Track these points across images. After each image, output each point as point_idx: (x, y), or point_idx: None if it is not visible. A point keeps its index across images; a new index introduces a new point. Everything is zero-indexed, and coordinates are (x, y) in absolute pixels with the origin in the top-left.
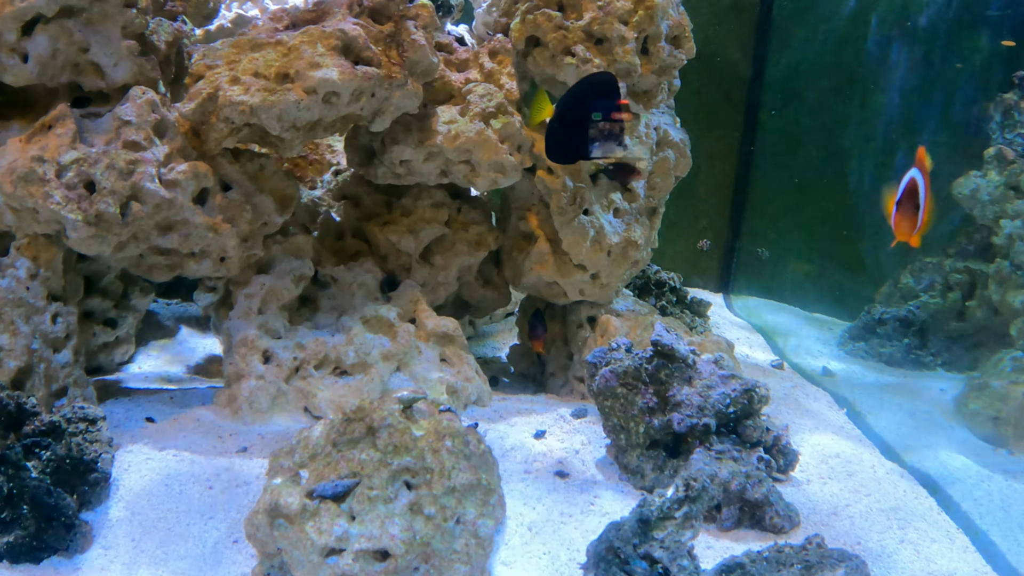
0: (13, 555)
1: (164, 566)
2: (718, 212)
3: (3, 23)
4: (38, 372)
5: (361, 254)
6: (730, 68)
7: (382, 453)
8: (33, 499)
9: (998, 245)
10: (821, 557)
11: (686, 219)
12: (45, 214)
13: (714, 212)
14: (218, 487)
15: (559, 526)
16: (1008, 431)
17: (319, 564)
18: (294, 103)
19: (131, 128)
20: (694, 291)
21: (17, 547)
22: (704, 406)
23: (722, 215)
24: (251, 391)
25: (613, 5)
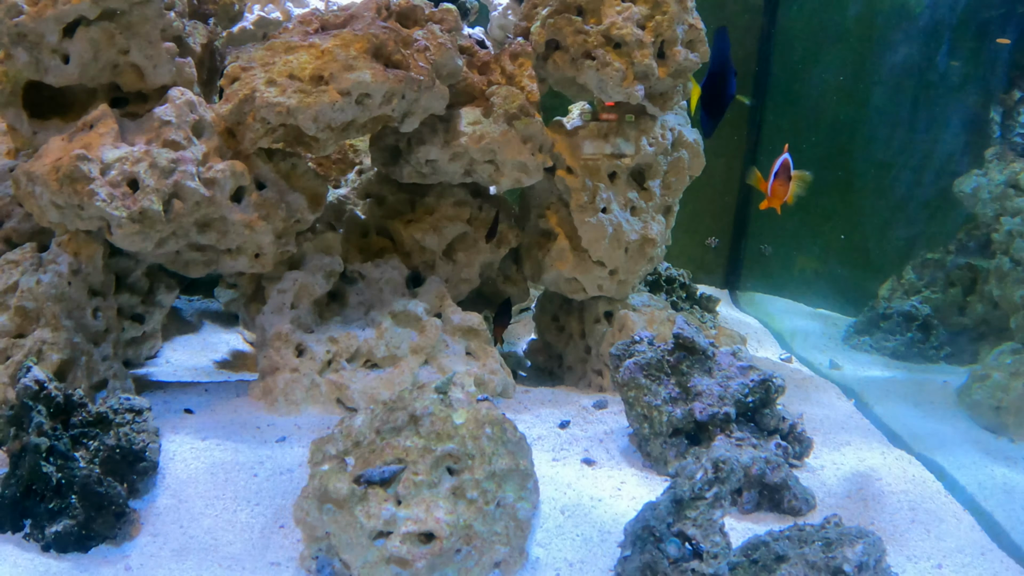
0: (61, 545)
1: (214, 552)
2: (724, 209)
3: (45, 25)
4: (80, 365)
5: (386, 251)
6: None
7: (425, 440)
8: (83, 488)
9: (998, 242)
10: (840, 535)
11: (692, 216)
12: (90, 211)
13: (720, 210)
14: (262, 475)
15: (590, 509)
16: (1009, 420)
17: (368, 546)
18: (329, 104)
19: (171, 128)
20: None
21: (65, 536)
22: (724, 396)
23: (728, 212)
24: (286, 383)
25: (631, 10)
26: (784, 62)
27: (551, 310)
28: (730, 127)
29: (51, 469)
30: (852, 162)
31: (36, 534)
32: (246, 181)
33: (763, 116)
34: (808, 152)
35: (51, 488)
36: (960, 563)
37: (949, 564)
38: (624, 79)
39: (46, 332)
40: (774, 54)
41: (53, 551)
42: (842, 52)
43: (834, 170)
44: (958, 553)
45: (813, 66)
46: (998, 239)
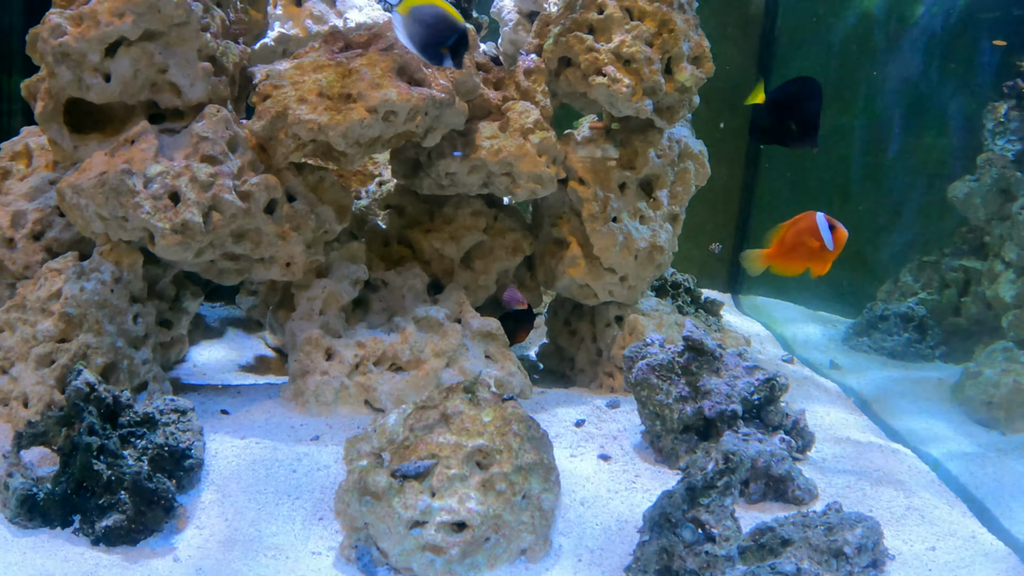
0: (110, 539)
1: (258, 543)
2: (726, 216)
3: (88, 45)
4: (122, 368)
5: (406, 259)
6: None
7: (457, 436)
8: (134, 485)
9: (990, 244)
10: (841, 520)
11: (696, 223)
12: (134, 223)
13: (723, 216)
14: (301, 471)
15: (607, 501)
16: (1000, 414)
17: (405, 535)
18: (358, 121)
19: (208, 143)
20: (707, 292)
21: (115, 530)
22: (731, 394)
23: (730, 219)
24: (317, 385)
25: (640, 28)
26: (783, 71)
27: (563, 315)
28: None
29: (102, 467)
30: (850, 168)
31: (86, 528)
32: (278, 194)
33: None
34: (807, 159)
35: (102, 485)
36: (952, 546)
37: (942, 547)
38: (633, 95)
39: (90, 337)
40: (774, 62)
41: (103, 544)
42: (840, 61)
43: (833, 176)
44: (950, 537)
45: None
46: (990, 242)
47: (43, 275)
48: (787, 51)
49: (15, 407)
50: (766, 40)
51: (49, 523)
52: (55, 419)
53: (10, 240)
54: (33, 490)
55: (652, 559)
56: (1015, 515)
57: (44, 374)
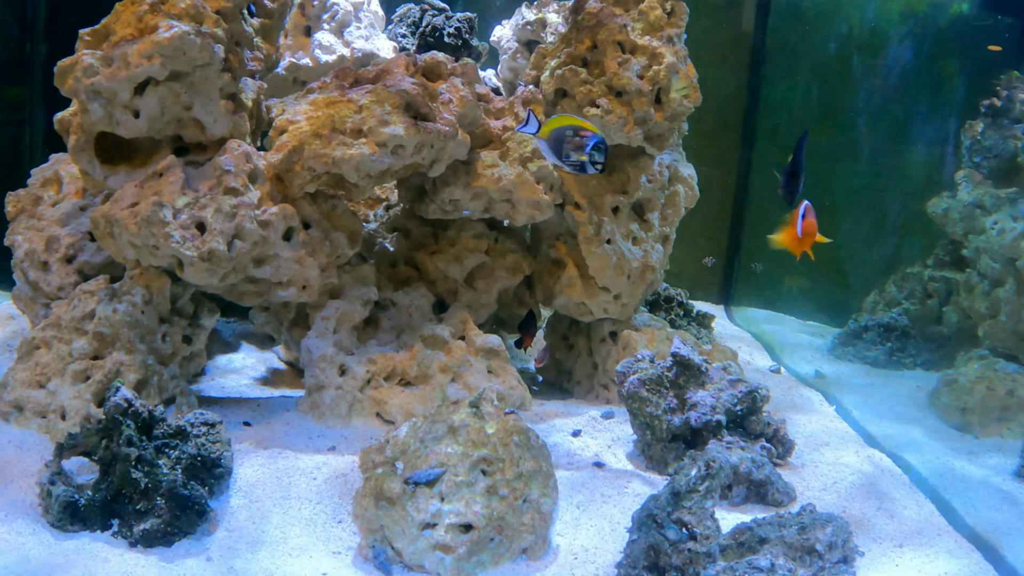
0: (148, 540)
1: (283, 544)
2: (719, 230)
3: (119, 84)
4: (152, 383)
5: (412, 280)
6: (728, 98)
7: (463, 447)
8: (170, 491)
9: (968, 258)
10: (813, 520)
11: (690, 237)
12: (164, 250)
13: (715, 230)
14: (320, 478)
15: (601, 505)
16: (974, 419)
17: (417, 536)
18: (368, 155)
19: (231, 176)
20: (698, 304)
21: (152, 533)
22: (716, 406)
23: (722, 233)
24: (332, 399)
25: (631, 62)
26: (771, 94)
27: (561, 330)
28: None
29: (139, 475)
30: (837, 184)
31: (124, 532)
32: (295, 222)
33: (754, 144)
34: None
35: (139, 491)
36: (919, 543)
37: (909, 544)
38: (625, 125)
39: (122, 355)
40: (762, 86)
41: (140, 546)
42: (825, 79)
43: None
44: (917, 535)
45: (798, 97)
46: (968, 255)
47: (77, 296)
48: (776, 68)
49: (53, 419)
50: (756, 58)
51: (89, 527)
52: (94, 431)
53: (45, 263)
54: (75, 497)
55: (640, 556)
56: (980, 513)
57: (80, 389)
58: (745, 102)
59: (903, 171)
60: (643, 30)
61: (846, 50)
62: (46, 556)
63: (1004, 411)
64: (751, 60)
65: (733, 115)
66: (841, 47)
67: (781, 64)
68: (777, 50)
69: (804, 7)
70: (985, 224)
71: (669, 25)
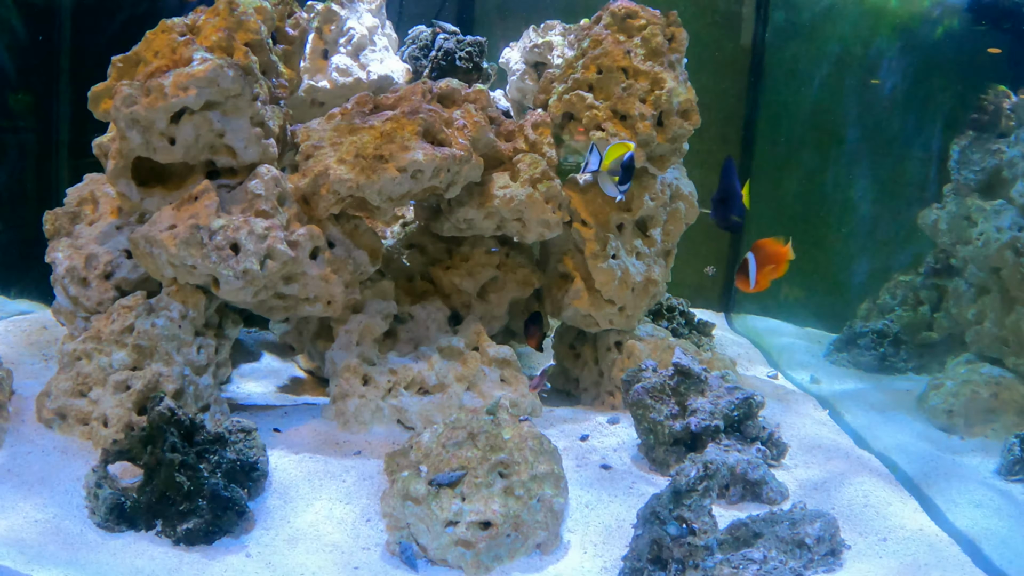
0: (190, 539)
1: (317, 540)
2: (718, 240)
3: (156, 114)
4: (188, 393)
5: (428, 294)
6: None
7: (482, 451)
8: (212, 493)
9: (956, 267)
10: (803, 516)
11: (691, 247)
12: (202, 269)
13: (715, 240)
14: (349, 480)
15: (608, 504)
16: (959, 421)
17: (441, 532)
18: (390, 180)
19: (261, 199)
20: (699, 312)
21: (194, 532)
22: (714, 411)
23: (722, 242)
24: (356, 407)
25: (634, 87)
26: (769, 109)
27: (568, 340)
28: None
29: (183, 479)
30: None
31: (168, 531)
32: (321, 242)
33: (752, 156)
34: (793, 189)
35: (182, 494)
36: (901, 536)
37: (892, 537)
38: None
39: (160, 366)
40: (761, 101)
41: (183, 544)
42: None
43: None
44: (900, 529)
45: (796, 112)
46: (956, 264)
47: (116, 311)
48: (773, 83)
49: (95, 427)
50: (754, 72)
51: (134, 527)
52: (138, 438)
53: (84, 279)
54: (121, 499)
55: (644, 549)
56: (960, 509)
57: (122, 398)
58: (744, 115)
59: (896, 183)
60: (645, 56)
61: (840, 65)
62: (94, 554)
63: (988, 413)
64: (750, 74)
65: (732, 128)
66: (836, 62)
67: (778, 78)
68: (775, 65)
69: (800, 24)
70: (971, 235)
71: (670, 51)
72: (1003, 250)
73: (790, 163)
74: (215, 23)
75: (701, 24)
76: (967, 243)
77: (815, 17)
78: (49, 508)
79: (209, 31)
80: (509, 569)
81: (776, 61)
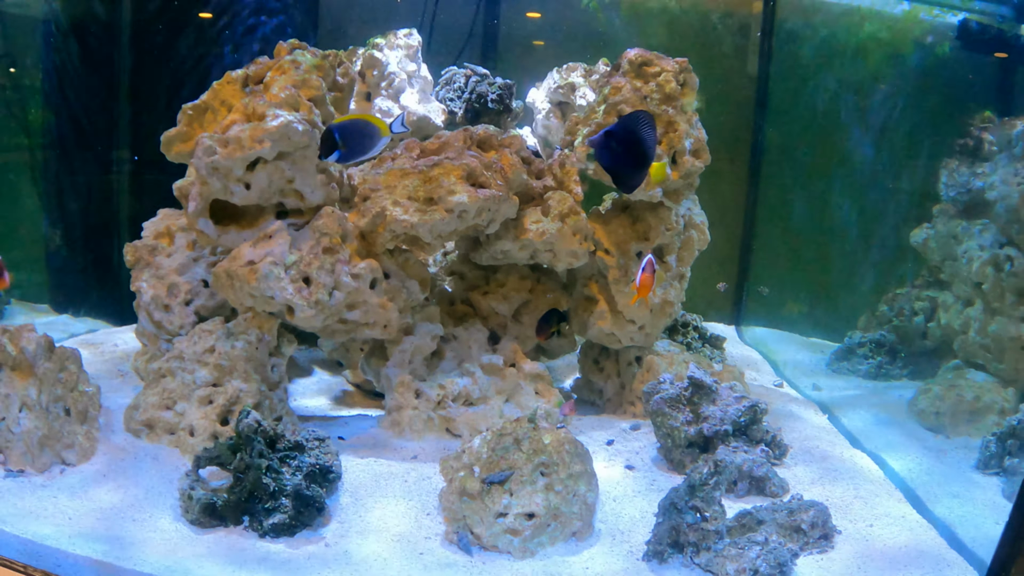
0: (276, 532)
1: (385, 532)
2: (729, 258)
3: (235, 163)
4: (264, 406)
5: (468, 316)
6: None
7: (526, 455)
8: (296, 493)
9: (944, 281)
10: (799, 506)
11: (704, 264)
12: (279, 300)
13: (726, 258)
14: (410, 480)
15: (632, 498)
16: (945, 421)
17: (493, 523)
18: (440, 220)
19: (327, 237)
20: (711, 325)
21: (279, 526)
22: (724, 418)
23: (732, 260)
24: (410, 418)
25: None
26: (775, 134)
27: (592, 355)
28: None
29: (269, 480)
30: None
31: (255, 526)
32: (379, 274)
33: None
34: (798, 208)
35: (268, 493)
36: (886, 523)
37: (878, 524)
38: (647, 185)
39: (240, 383)
40: (766, 127)
41: (269, 537)
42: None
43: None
44: (885, 517)
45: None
46: (945, 279)
47: (197, 334)
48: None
49: (182, 436)
50: (759, 102)
51: (224, 524)
52: (227, 446)
53: (167, 306)
54: (213, 499)
55: (664, 535)
56: (939, 500)
57: (207, 411)
58: (751, 142)
59: (891, 204)
60: (660, 100)
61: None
62: (191, 547)
63: (972, 414)
64: (756, 101)
65: (740, 153)
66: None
67: (782, 105)
68: (778, 93)
69: (801, 54)
70: (957, 252)
71: (682, 95)
72: (984, 266)
73: (795, 186)
74: (282, 81)
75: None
76: (954, 259)
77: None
78: (145, 508)
79: (277, 88)
80: (550, 553)
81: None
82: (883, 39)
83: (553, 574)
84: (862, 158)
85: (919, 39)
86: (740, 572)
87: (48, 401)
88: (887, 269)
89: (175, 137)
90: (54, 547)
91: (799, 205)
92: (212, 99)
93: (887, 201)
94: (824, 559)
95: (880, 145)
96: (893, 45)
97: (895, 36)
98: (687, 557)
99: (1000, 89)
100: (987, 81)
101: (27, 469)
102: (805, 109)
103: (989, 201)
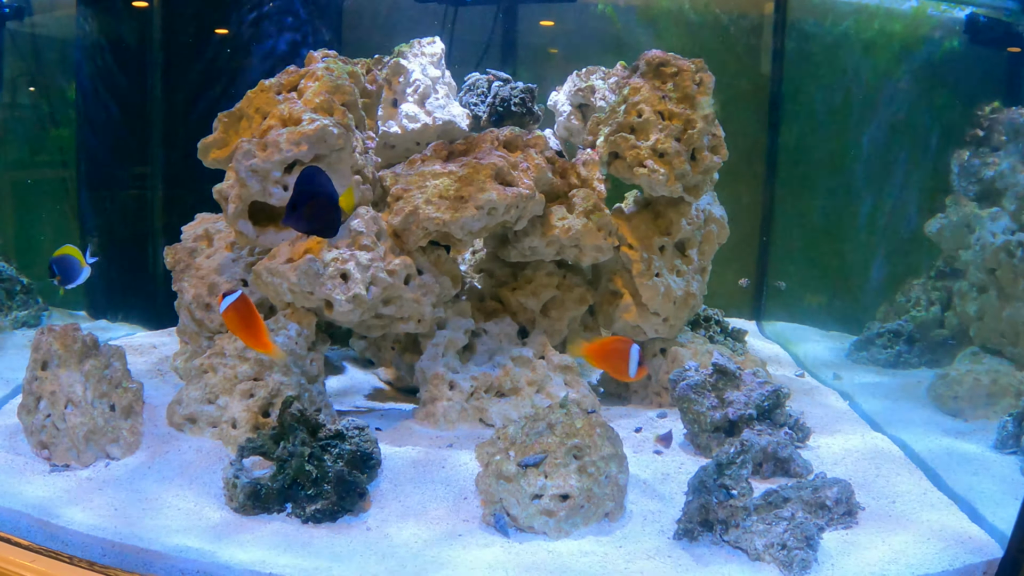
0: (318, 518)
1: (424, 515)
2: (749, 254)
3: (273, 165)
4: (304, 399)
5: (498, 311)
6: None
7: (560, 438)
8: (338, 479)
9: (959, 269)
10: (823, 483)
11: (724, 262)
12: (318, 295)
13: (746, 254)
14: (448, 467)
15: (662, 481)
16: (963, 405)
17: (528, 504)
18: (471, 217)
19: (363, 236)
20: (733, 320)
21: (322, 511)
22: (748, 402)
23: (752, 256)
24: (444, 409)
25: (670, 127)
26: (790, 132)
27: None
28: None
29: (311, 468)
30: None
31: (297, 512)
32: (412, 270)
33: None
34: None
35: (311, 480)
36: (908, 500)
37: (900, 501)
38: (668, 181)
39: (280, 376)
40: (781, 125)
41: (311, 522)
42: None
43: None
44: (907, 494)
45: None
46: (959, 267)
47: None
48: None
49: (225, 428)
50: (774, 101)
51: (268, 510)
52: (270, 436)
53: (208, 305)
54: (257, 486)
55: (695, 513)
56: (959, 478)
57: (249, 404)
58: (766, 140)
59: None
60: (678, 99)
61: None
62: (237, 533)
63: (989, 398)
64: (770, 101)
65: (756, 152)
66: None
67: (796, 103)
68: (792, 91)
69: (812, 52)
70: (971, 240)
71: (699, 94)
72: (997, 252)
73: (811, 183)
74: (316, 87)
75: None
76: (967, 248)
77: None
78: (190, 497)
79: (312, 93)
80: (584, 533)
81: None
82: (894, 32)
83: (588, 552)
84: (876, 151)
85: (928, 35)
86: (769, 547)
87: (94, 397)
88: (903, 260)
89: (211, 144)
90: (99, 536)
91: (815, 201)
92: (247, 106)
93: (901, 194)
94: (849, 534)
95: (892, 139)
96: (903, 38)
97: (906, 28)
98: (716, 535)
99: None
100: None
101: (72, 464)
102: (818, 106)
103: (1000, 189)
